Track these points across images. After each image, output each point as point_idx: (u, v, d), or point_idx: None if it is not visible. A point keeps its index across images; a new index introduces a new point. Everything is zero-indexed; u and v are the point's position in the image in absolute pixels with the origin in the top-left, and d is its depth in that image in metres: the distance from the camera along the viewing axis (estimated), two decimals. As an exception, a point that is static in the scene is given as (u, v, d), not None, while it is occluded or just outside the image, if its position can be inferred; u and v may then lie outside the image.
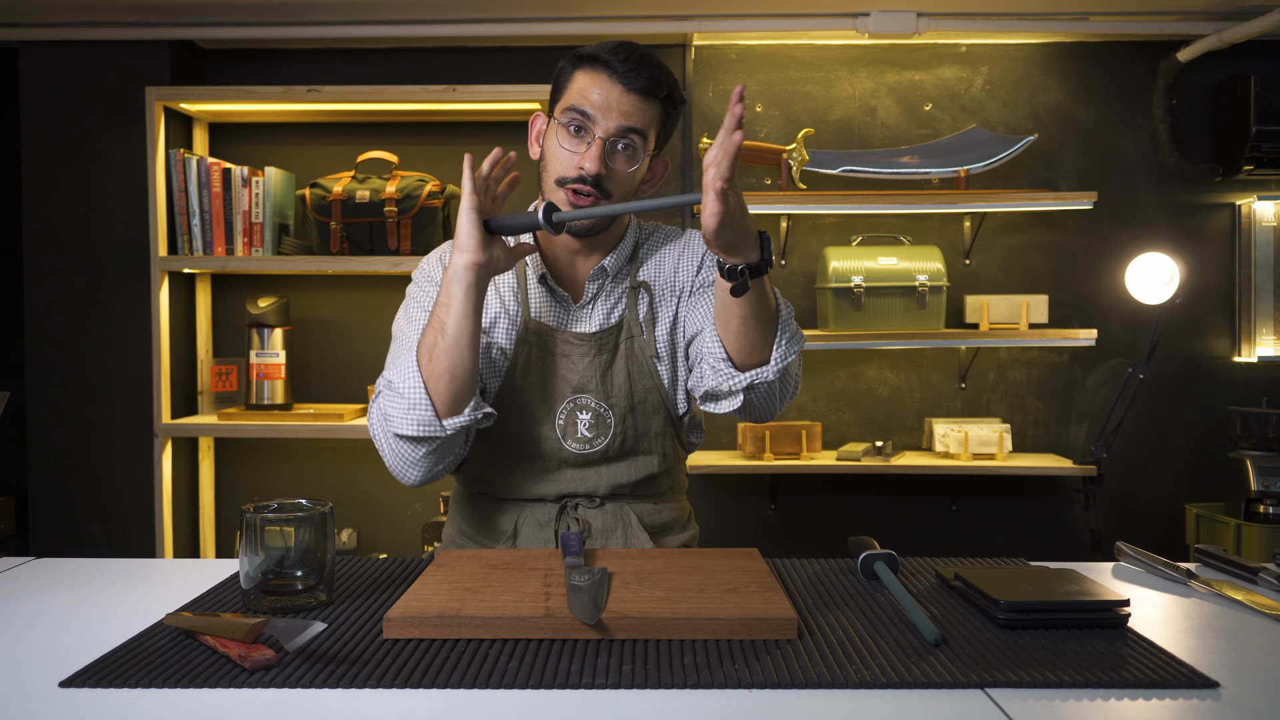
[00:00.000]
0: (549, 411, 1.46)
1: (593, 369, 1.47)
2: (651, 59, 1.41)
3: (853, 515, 3.18)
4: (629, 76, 1.38)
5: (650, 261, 1.55)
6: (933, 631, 1.00)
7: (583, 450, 1.47)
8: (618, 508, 1.49)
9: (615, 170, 1.40)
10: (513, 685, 0.89)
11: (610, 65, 1.39)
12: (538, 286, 1.50)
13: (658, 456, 1.51)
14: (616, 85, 1.39)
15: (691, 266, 1.53)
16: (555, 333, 1.48)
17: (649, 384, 1.49)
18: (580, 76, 1.41)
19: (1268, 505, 2.82)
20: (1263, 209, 3.12)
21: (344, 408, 2.99)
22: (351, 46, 3.16)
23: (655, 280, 1.53)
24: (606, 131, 1.38)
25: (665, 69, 1.42)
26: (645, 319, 1.50)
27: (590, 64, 1.40)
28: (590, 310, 1.50)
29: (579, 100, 1.39)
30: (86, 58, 3.06)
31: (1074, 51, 3.15)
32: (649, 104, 1.41)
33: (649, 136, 1.42)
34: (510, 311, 1.49)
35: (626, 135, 1.39)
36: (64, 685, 0.90)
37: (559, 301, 1.49)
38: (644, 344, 1.49)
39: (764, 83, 3.17)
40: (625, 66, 1.38)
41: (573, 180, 1.39)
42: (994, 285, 3.16)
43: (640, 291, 1.52)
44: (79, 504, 3.11)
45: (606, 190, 1.40)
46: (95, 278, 3.09)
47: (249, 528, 1.10)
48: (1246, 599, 1.17)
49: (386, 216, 2.86)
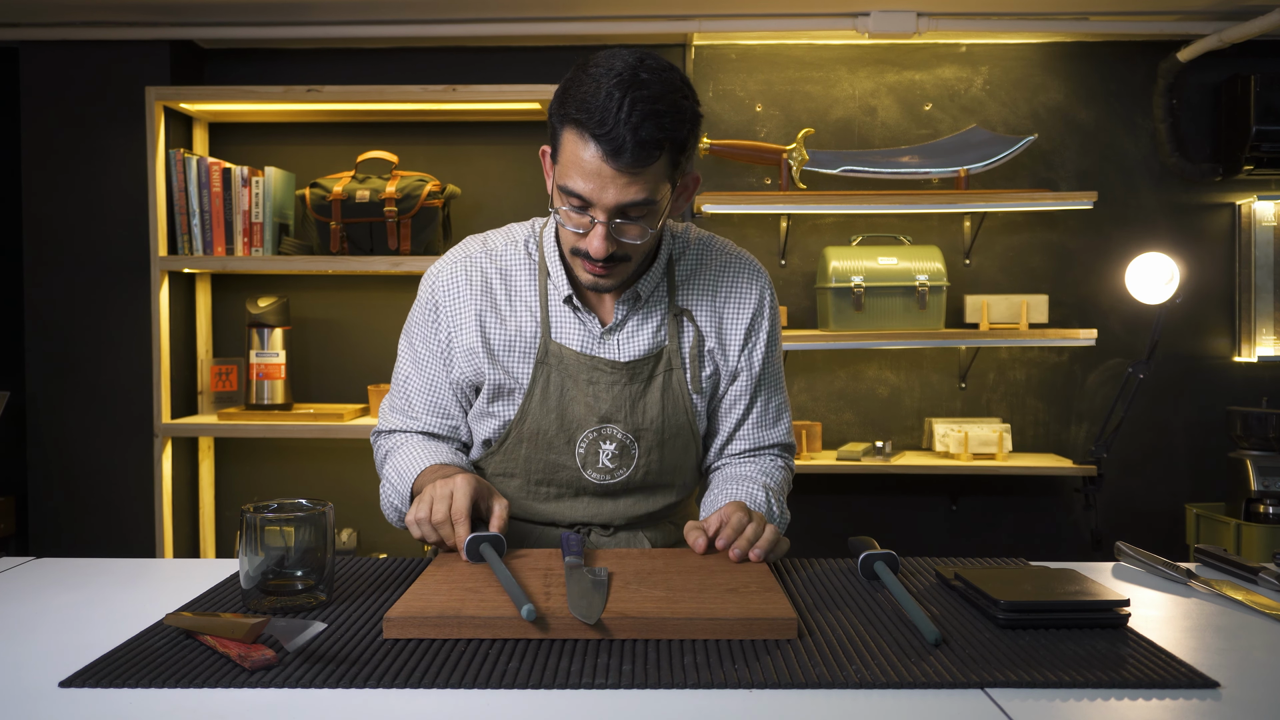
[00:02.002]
0: (569, 440, 1.40)
1: (623, 398, 1.39)
2: (643, 107, 1.20)
3: (853, 515, 3.18)
4: (617, 153, 1.21)
5: (690, 287, 1.45)
6: (933, 631, 0.99)
7: (603, 480, 1.41)
8: (631, 535, 1.46)
9: (625, 241, 1.29)
10: (513, 685, 0.89)
11: (596, 138, 1.21)
12: (562, 307, 1.41)
13: (678, 488, 1.48)
14: (606, 165, 1.22)
15: (739, 323, 1.45)
16: (581, 358, 1.39)
17: (683, 420, 1.42)
18: (569, 140, 1.25)
19: (1268, 505, 2.82)
20: (1263, 209, 3.12)
21: (344, 408, 2.99)
22: (351, 46, 3.16)
23: (697, 312, 1.44)
24: (606, 211, 1.25)
25: (666, 111, 1.22)
26: (691, 355, 1.42)
27: (576, 127, 1.23)
28: (620, 336, 1.41)
29: (570, 178, 1.25)
30: (86, 58, 3.06)
31: (1074, 51, 3.15)
32: (649, 168, 1.24)
33: (660, 193, 1.27)
34: (527, 334, 1.41)
35: (630, 208, 1.26)
36: (64, 685, 0.90)
37: (584, 325, 1.40)
38: (683, 380, 1.41)
39: (764, 83, 3.17)
40: (611, 141, 1.20)
41: (584, 255, 1.30)
42: (994, 285, 3.16)
43: (683, 321, 1.42)
44: (79, 504, 3.11)
45: (622, 257, 1.31)
46: (95, 277, 3.09)
47: (249, 528, 1.10)
48: (1246, 599, 1.17)
49: (386, 216, 2.86)
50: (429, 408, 1.47)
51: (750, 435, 1.50)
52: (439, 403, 1.46)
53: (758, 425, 1.49)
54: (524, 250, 1.44)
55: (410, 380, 1.48)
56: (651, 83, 1.22)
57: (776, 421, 1.51)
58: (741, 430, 1.49)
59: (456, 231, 3.10)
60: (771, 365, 1.49)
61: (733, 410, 1.48)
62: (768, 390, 1.49)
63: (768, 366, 1.49)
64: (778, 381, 1.51)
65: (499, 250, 1.45)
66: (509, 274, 1.44)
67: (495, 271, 1.43)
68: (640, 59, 1.24)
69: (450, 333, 1.43)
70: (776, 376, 1.51)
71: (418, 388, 1.47)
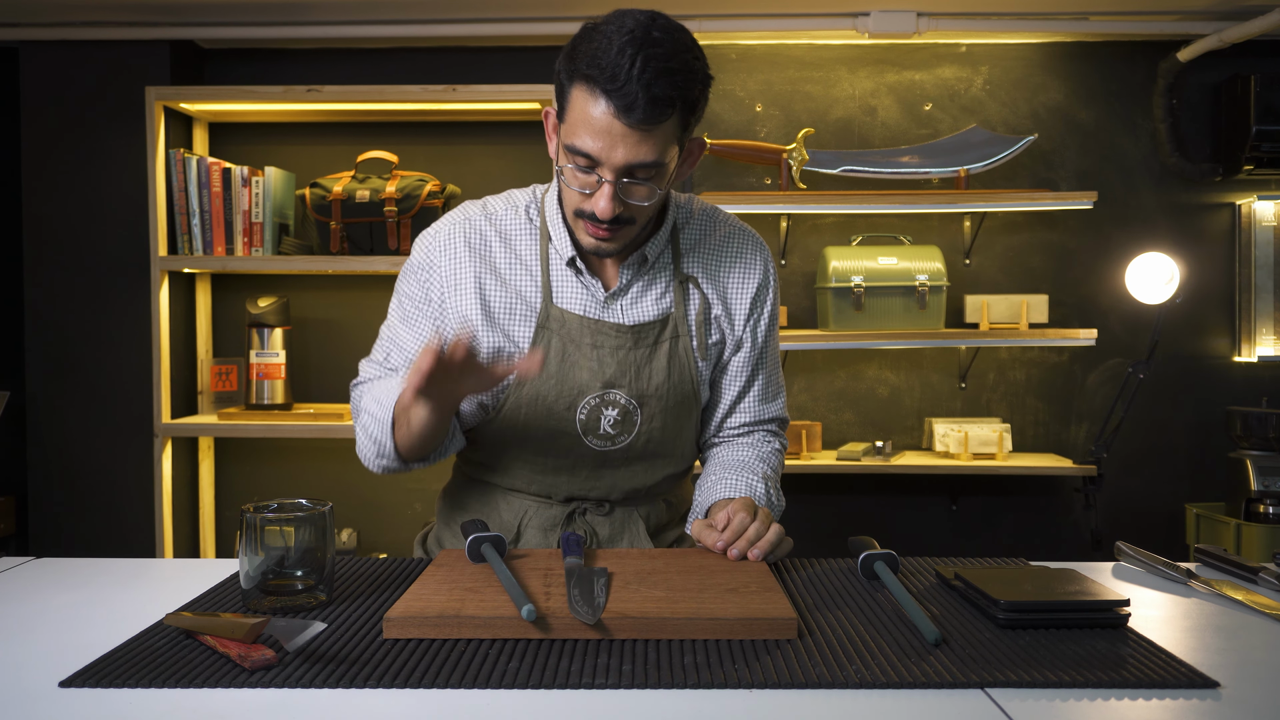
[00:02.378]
0: (570, 405, 1.37)
1: (628, 363, 1.37)
2: (656, 64, 1.19)
3: (853, 515, 3.18)
4: (629, 110, 1.19)
5: (695, 256, 1.44)
6: (933, 631, 0.99)
7: (604, 447, 1.39)
8: (626, 513, 1.46)
9: (632, 203, 1.28)
10: (513, 685, 0.89)
11: (607, 92, 1.19)
12: (564, 271, 1.38)
13: (677, 459, 1.47)
14: (617, 122, 1.20)
15: (744, 294, 1.46)
16: (584, 322, 1.37)
17: (689, 388, 1.42)
18: (578, 97, 1.23)
19: (1268, 505, 2.82)
20: (1263, 209, 3.12)
21: (344, 407, 2.99)
22: (351, 46, 3.16)
23: (702, 279, 1.43)
24: (614, 171, 1.24)
25: (678, 69, 1.21)
26: (697, 321, 1.41)
27: (587, 83, 1.21)
28: (624, 301, 1.40)
29: (578, 137, 1.23)
30: (86, 58, 3.06)
31: (1074, 51, 3.15)
32: (660, 126, 1.22)
33: (668, 154, 1.26)
34: (527, 298, 1.38)
35: (638, 169, 1.25)
36: (64, 685, 0.90)
37: (587, 289, 1.38)
38: (690, 348, 1.41)
39: (764, 82, 3.17)
40: (622, 97, 1.18)
41: (589, 215, 1.29)
42: (994, 285, 3.16)
43: (689, 288, 1.42)
44: (79, 504, 3.11)
45: (627, 220, 1.29)
46: (95, 277, 3.09)
47: (249, 528, 1.10)
48: (1246, 599, 1.17)
49: (386, 216, 2.86)
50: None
51: (751, 409, 1.50)
52: None
53: (759, 399, 1.50)
54: (524, 215, 1.42)
55: (399, 335, 1.43)
56: (664, 41, 1.21)
57: (776, 396, 1.53)
58: (743, 404, 1.50)
59: (456, 231, 3.10)
60: (773, 341, 1.51)
61: (735, 382, 1.48)
62: (769, 365, 1.51)
63: (769, 341, 1.50)
64: (776, 357, 1.53)
65: (499, 214, 1.43)
66: (509, 237, 1.41)
67: (495, 234, 1.41)
68: (652, 18, 1.23)
69: (444, 294, 1.39)
70: (776, 352, 1.53)
71: (406, 341, 1.42)
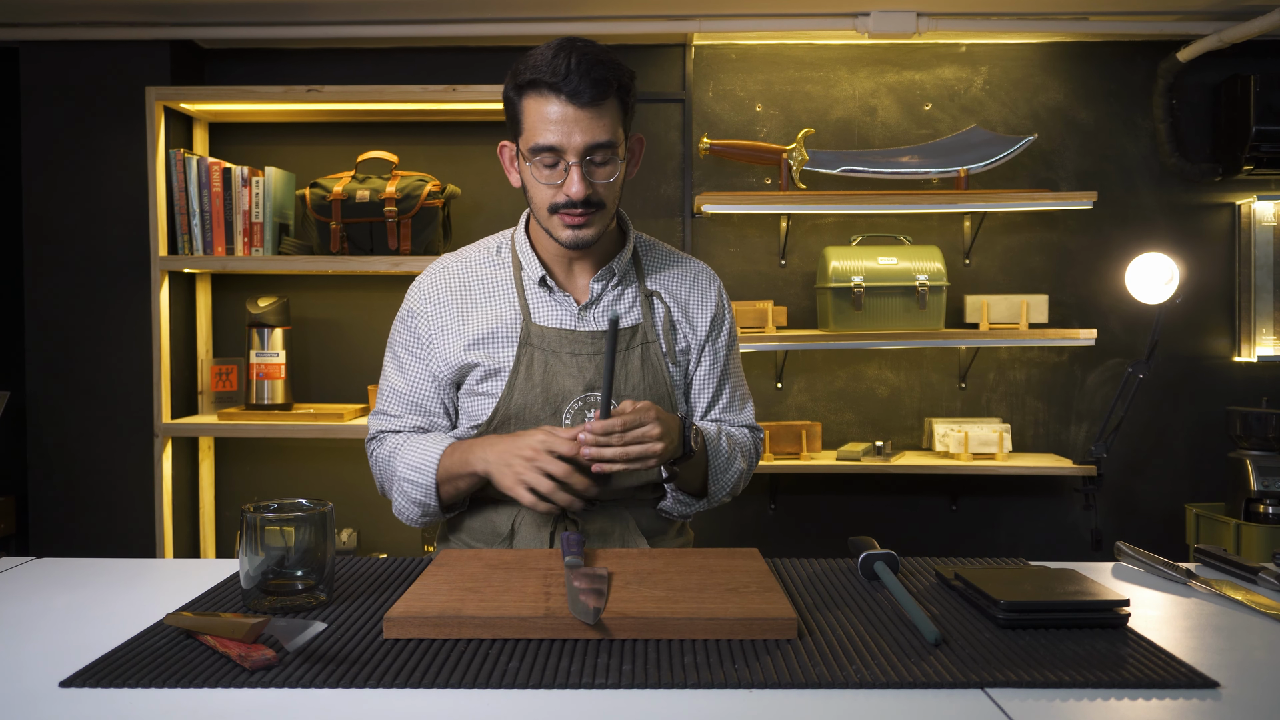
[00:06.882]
0: (554, 412, 1.48)
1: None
2: (589, 58, 1.37)
3: (853, 515, 3.18)
4: (577, 94, 1.36)
5: (657, 276, 1.59)
6: (933, 631, 1.00)
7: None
8: (616, 512, 1.51)
9: (598, 184, 1.42)
10: (513, 685, 0.89)
11: (555, 87, 1.36)
12: (538, 292, 1.52)
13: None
14: (569, 106, 1.37)
15: (703, 313, 1.59)
16: (562, 334, 1.49)
17: (663, 391, 1.53)
18: (530, 105, 1.40)
19: (1268, 505, 2.82)
20: (1263, 209, 3.12)
21: (344, 408, 2.99)
22: (351, 46, 3.16)
23: (664, 293, 1.57)
24: (577, 154, 1.39)
25: (607, 60, 1.38)
26: (664, 328, 1.55)
27: (535, 89, 1.39)
28: (596, 311, 1.53)
29: (539, 135, 1.39)
30: (86, 58, 3.06)
31: (1074, 51, 3.15)
32: (605, 107, 1.39)
33: (618, 135, 1.42)
34: (507, 321, 1.51)
35: (596, 150, 1.40)
36: (64, 685, 0.90)
37: (561, 304, 1.52)
38: (659, 353, 1.53)
39: (764, 83, 3.17)
40: (569, 85, 1.36)
41: (563, 206, 1.42)
42: (994, 285, 3.16)
43: (654, 301, 1.55)
44: (79, 504, 3.11)
45: (597, 203, 1.43)
46: (95, 277, 3.09)
47: (249, 528, 1.10)
48: (1246, 599, 1.17)
49: (386, 216, 2.86)
50: (412, 407, 1.56)
51: (721, 418, 1.64)
52: (421, 402, 1.56)
53: (727, 409, 1.64)
54: (496, 253, 1.57)
55: (394, 383, 1.58)
56: (588, 44, 1.40)
57: (744, 406, 1.68)
58: (712, 414, 1.63)
59: (456, 231, 3.10)
60: (734, 360, 1.66)
61: (703, 394, 1.61)
62: (733, 379, 1.65)
63: (731, 360, 1.65)
64: (740, 374, 1.68)
65: (473, 258, 1.58)
66: (485, 273, 1.56)
67: (472, 274, 1.56)
68: (570, 37, 1.41)
69: (432, 332, 1.53)
70: (739, 370, 1.68)
71: (403, 389, 1.57)
